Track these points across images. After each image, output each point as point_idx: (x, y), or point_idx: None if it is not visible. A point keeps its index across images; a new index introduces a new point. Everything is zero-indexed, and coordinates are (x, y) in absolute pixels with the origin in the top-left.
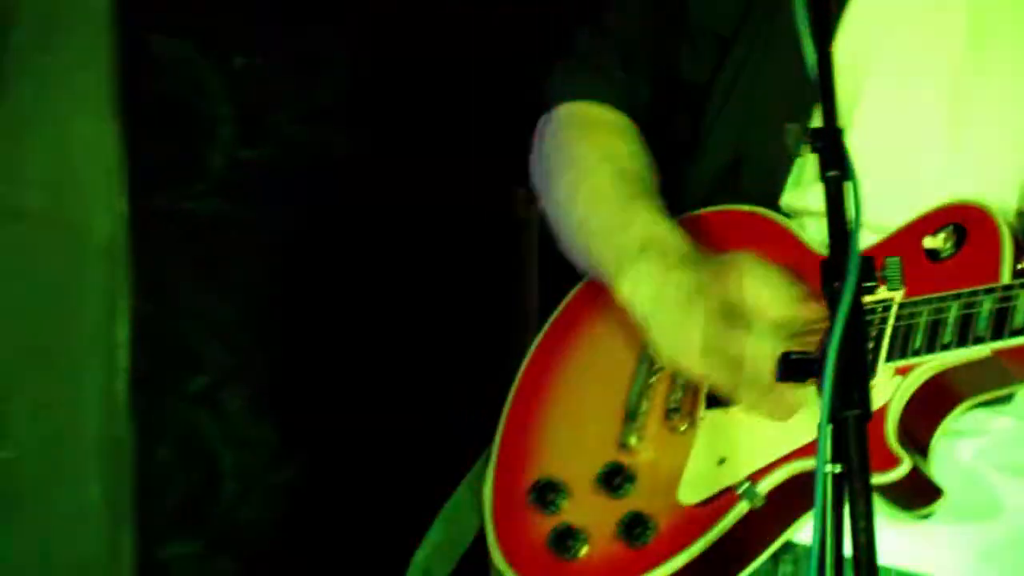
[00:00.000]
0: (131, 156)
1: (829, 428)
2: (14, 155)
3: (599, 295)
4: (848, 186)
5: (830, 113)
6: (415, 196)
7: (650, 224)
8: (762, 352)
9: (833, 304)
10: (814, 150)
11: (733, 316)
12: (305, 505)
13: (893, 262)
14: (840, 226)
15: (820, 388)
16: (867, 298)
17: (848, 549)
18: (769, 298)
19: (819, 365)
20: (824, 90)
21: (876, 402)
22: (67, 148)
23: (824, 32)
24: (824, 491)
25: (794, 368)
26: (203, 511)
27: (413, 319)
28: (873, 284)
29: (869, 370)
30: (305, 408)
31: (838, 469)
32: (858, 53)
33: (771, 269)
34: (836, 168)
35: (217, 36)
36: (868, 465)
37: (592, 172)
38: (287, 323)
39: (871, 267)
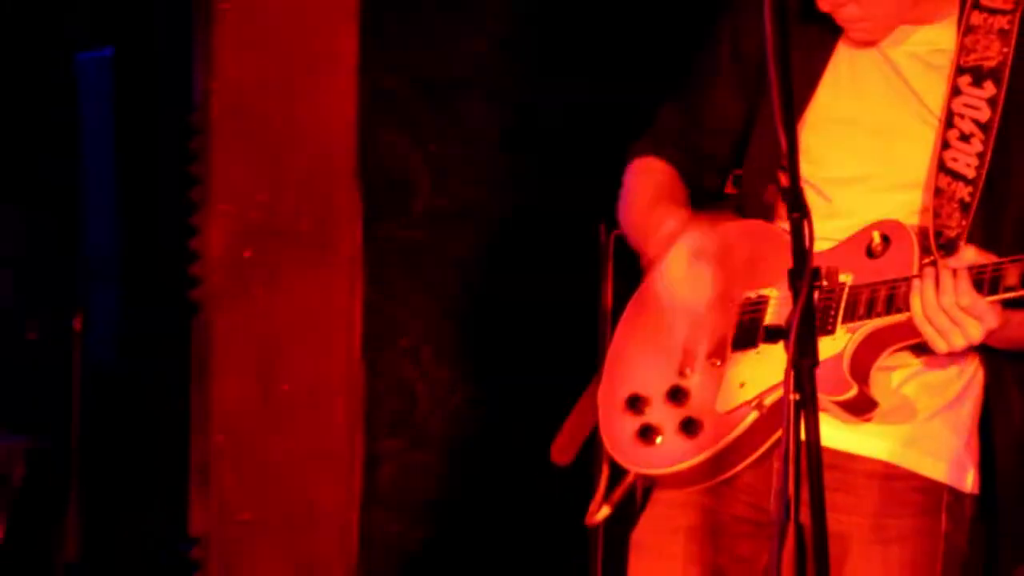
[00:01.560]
0: (367, 203)
1: (792, 372)
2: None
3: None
4: (804, 222)
5: (794, 175)
6: (540, 231)
7: (669, 223)
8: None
9: (796, 296)
10: (783, 199)
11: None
12: (471, 418)
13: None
14: (800, 247)
15: (787, 346)
16: (828, 283)
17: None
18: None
19: (787, 332)
20: (790, 161)
21: (835, 349)
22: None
23: (790, 119)
24: (790, 410)
25: (771, 334)
26: (406, 422)
27: (539, 310)
28: (819, 284)
29: (831, 328)
30: (473, 360)
31: (798, 397)
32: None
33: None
34: (797, 211)
35: (421, 130)
36: (816, 394)
37: (640, 195)
38: (461, 306)
39: (818, 274)
